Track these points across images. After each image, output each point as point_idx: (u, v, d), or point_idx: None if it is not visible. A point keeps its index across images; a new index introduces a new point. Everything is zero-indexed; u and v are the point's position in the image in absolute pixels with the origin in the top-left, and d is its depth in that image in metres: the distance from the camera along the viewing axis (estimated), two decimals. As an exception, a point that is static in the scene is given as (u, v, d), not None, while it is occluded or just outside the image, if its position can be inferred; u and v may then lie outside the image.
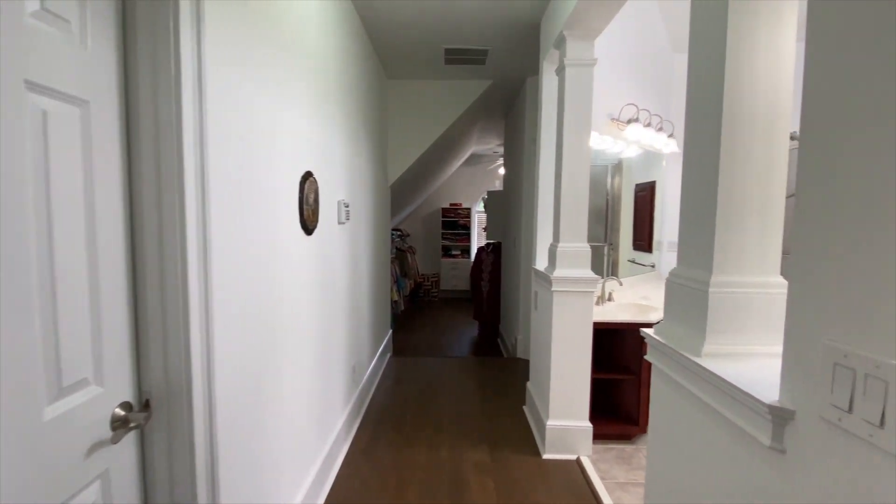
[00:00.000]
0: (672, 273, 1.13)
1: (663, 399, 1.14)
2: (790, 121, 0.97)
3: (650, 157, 3.87)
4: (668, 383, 1.11)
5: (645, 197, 4.08)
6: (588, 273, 2.32)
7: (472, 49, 3.36)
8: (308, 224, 1.84)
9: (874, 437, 0.57)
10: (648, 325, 2.51)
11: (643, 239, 4.09)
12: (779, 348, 0.97)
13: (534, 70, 3.79)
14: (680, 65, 3.96)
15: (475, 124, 5.60)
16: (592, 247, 2.42)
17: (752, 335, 0.97)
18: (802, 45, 0.71)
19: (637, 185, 4.05)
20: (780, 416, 0.72)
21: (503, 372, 3.85)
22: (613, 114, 3.20)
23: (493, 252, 5.45)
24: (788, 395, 0.72)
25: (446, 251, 8.47)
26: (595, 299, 2.46)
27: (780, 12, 0.95)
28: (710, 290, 0.97)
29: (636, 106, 3.18)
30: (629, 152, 3.57)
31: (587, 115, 2.32)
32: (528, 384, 2.99)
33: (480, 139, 6.75)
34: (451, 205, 8.52)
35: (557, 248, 2.33)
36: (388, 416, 2.96)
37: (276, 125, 1.54)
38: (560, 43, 2.35)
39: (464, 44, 3.27)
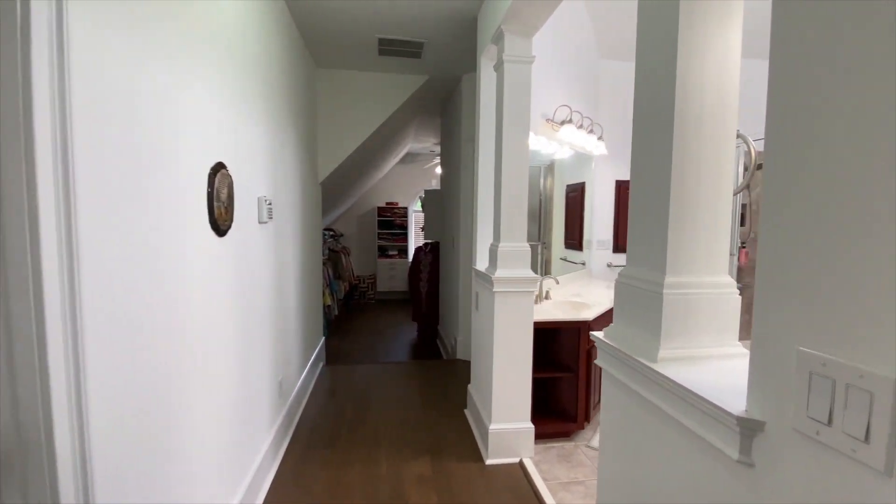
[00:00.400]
0: (622, 274, 1.08)
1: (617, 407, 1.09)
2: (737, 118, 0.96)
3: (581, 158, 3.99)
4: (621, 390, 1.07)
5: (576, 197, 4.21)
6: (529, 273, 2.28)
7: (407, 41, 3.22)
8: (220, 224, 1.59)
9: (858, 453, 0.52)
10: (585, 323, 2.56)
11: (574, 238, 4.21)
12: (731, 350, 0.96)
13: (470, 67, 3.74)
14: (607, 71, 4.13)
15: (412, 121, 5.46)
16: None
17: (706, 337, 0.94)
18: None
19: (568, 186, 4.16)
20: (748, 428, 0.68)
21: (443, 375, 3.76)
22: (548, 114, 3.23)
23: (431, 252, 5.36)
24: (757, 405, 0.67)
25: (383, 251, 8.24)
26: (535, 298, 2.44)
27: (730, 10, 0.93)
28: (665, 291, 0.92)
29: (569, 108, 3.24)
30: (562, 153, 3.64)
31: (526, 112, 2.28)
32: (469, 387, 2.92)
33: (417, 137, 6.62)
34: (387, 204, 8.30)
35: (498, 248, 2.27)
36: (320, 432, 2.73)
37: (178, 107, 1.29)
38: (498, 38, 2.29)
39: (399, 34, 3.12)
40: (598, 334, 1.14)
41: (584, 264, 4.22)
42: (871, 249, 0.52)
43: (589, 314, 2.57)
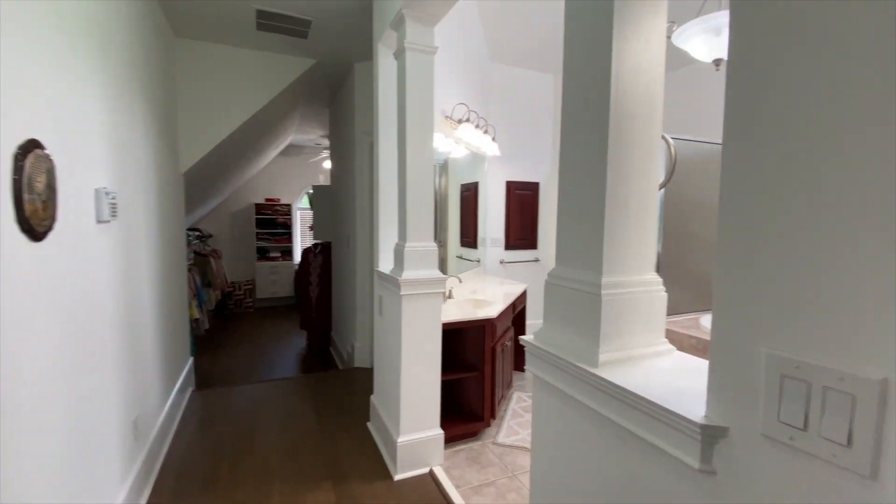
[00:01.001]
0: (553, 275, 1.03)
1: (552, 415, 1.03)
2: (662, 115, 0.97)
3: (475, 158, 4.04)
4: (556, 396, 1.01)
5: (470, 197, 4.27)
6: (437, 273, 2.18)
7: (290, 16, 2.86)
8: (34, 224, 1.15)
9: (839, 458, 0.51)
10: (490, 321, 2.56)
11: (469, 236, 4.27)
12: (661, 348, 0.96)
13: (364, 55, 3.51)
14: (497, 74, 4.26)
15: (295, 109, 4.98)
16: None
17: (638, 337, 0.93)
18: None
19: (463, 185, 4.19)
20: (710, 435, 0.65)
21: (341, 387, 3.48)
22: (446, 111, 3.18)
23: (321, 253, 4.96)
24: (719, 410, 0.65)
25: (263, 253, 7.45)
26: (443, 299, 2.35)
27: (657, 7, 0.92)
28: (603, 292, 0.88)
29: (467, 106, 3.23)
30: (457, 153, 3.63)
31: (430, 106, 2.17)
32: (373, 398, 2.73)
33: (302, 128, 6.09)
34: (267, 200, 7.52)
35: (405, 249, 2.13)
36: (193, 474, 2.27)
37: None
38: (399, 23, 2.14)
39: (280, 8, 2.76)
40: (528, 339, 1.07)
41: (479, 261, 4.31)
42: (849, 242, 0.50)
43: (492, 311, 2.58)
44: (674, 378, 0.81)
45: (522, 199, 4.51)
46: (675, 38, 2.38)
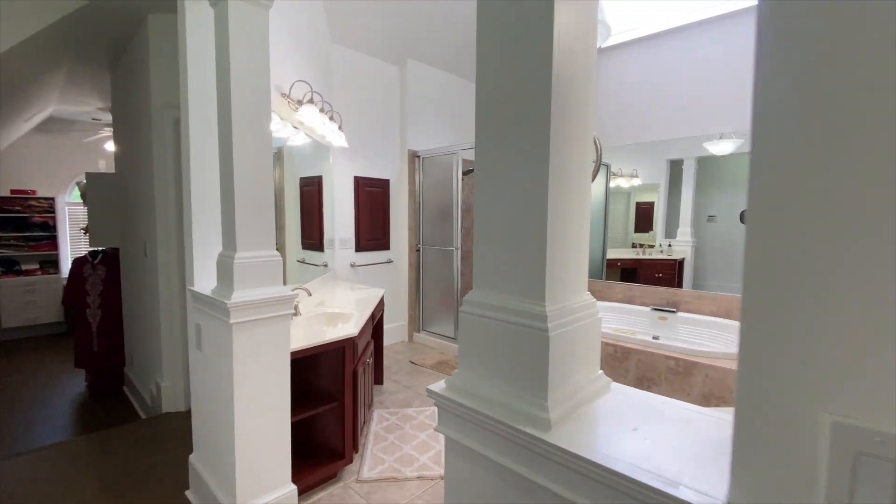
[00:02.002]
0: (471, 302, 0.76)
1: (477, 492, 0.76)
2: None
3: (317, 148, 3.55)
4: (484, 468, 0.74)
5: (312, 192, 3.74)
6: (282, 290, 1.71)
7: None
8: None
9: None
10: (351, 340, 2.18)
11: (314, 237, 3.75)
12: (599, 382, 0.78)
13: (160, 6, 2.67)
14: (339, 57, 3.83)
15: (58, 68, 3.61)
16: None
17: (583, 374, 0.73)
18: None
19: (302, 179, 3.65)
20: (741, 531, 0.47)
21: (144, 444, 2.59)
22: (282, 88, 2.64)
23: (104, 264, 3.73)
24: (748, 492, 0.47)
25: (10, 266, 5.36)
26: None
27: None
28: (549, 325, 0.65)
29: (309, 85, 2.74)
30: (296, 140, 3.10)
31: (264, 73, 1.67)
32: (192, 458, 2.05)
33: (70, 96, 4.51)
34: (15, 193, 5.42)
35: (234, 261, 1.59)
36: None
37: None
38: (214, -44, 1.58)
39: None
40: (440, 390, 0.78)
41: (326, 266, 3.82)
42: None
43: (351, 328, 2.21)
44: (644, 431, 0.63)
45: (373, 197, 4.19)
46: None
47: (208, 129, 1.94)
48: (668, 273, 3.85)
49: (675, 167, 3.63)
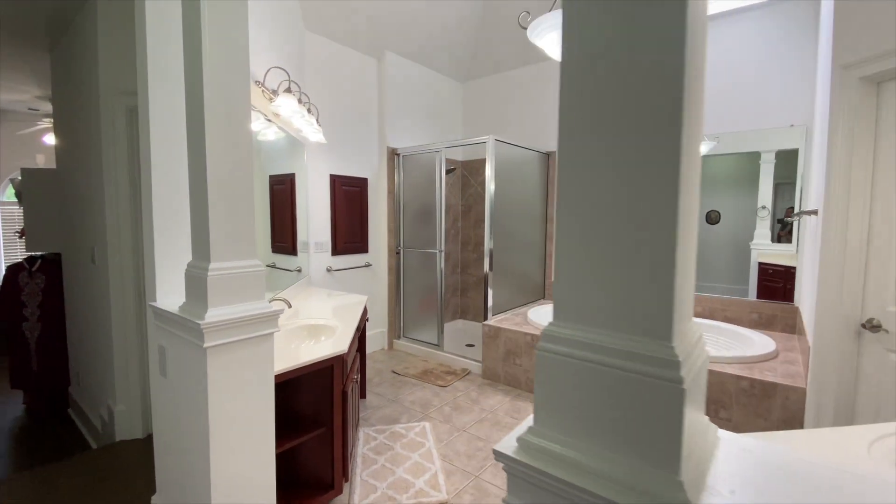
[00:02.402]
0: (554, 338, 0.59)
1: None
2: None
3: (291, 144, 3.27)
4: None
5: (284, 191, 3.47)
6: (265, 305, 1.47)
7: None
8: None
9: None
10: (340, 358, 1.96)
11: (286, 240, 3.48)
12: (709, 433, 0.63)
13: (111, -25, 2.33)
14: (313, 46, 3.56)
15: (-22, 47, 3.14)
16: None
17: (696, 428, 0.57)
18: None
19: (272, 177, 3.36)
20: None
21: (97, 482, 2.25)
22: (256, 75, 2.38)
23: (42, 271, 3.29)
24: None
25: (-75, 274, 4.69)
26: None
27: None
28: (683, 373, 0.49)
29: (287, 72, 2.49)
30: (268, 133, 2.83)
31: (244, 49, 1.43)
32: (156, 500, 1.77)
33: (1, 82, 3.98)
34: (-72, 190, 4.77)
35: (208, 274, 1.34)
36: None
37: None
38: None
39: None
40: (509, 451, 0.60)
41: (299, 271, 3.55)
42: None
43: (341, 344, 1.98)
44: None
45: (350, 197, 3.94)
46: (529, 32, 2.27)
47: (173, 117, 1.67)
48: None
49: None
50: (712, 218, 3.50)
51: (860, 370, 1.92)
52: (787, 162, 3.09)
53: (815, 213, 2.26)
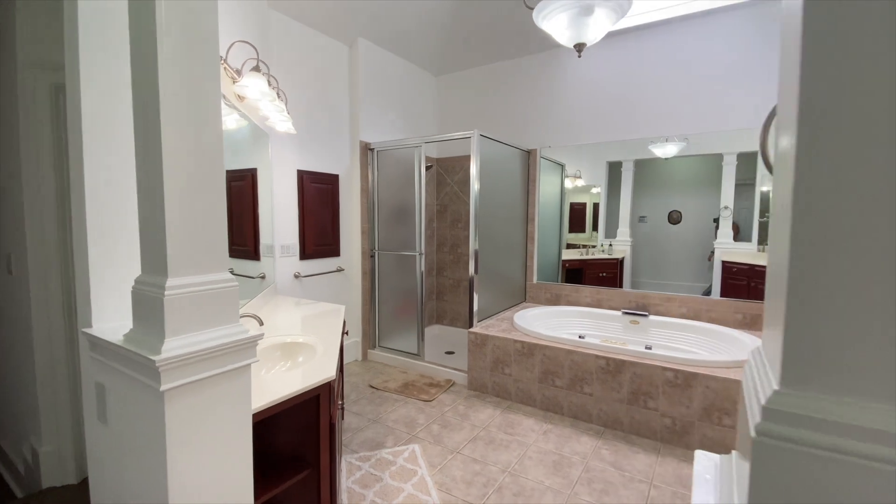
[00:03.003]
0: (796, 414, 0.37)
1: None
2: None
3: (254, 134, 2.90)
4: None
5: (244, 188, 3.08)
6: (240, 330, 1.16)
7: None
8: None
9: None
10: (327, 386, 1.66)
11: (245, 243, 3.10)
12: None
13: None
14: (278, 25, 3.20)
15: None
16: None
17: None
18: None
19: (231, 172, 2.98)
20: None
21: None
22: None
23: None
24: None
25: None
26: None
27: None
28: None
29: (254, 48, 2.14)
30: (229, 121, 2.46)
31: (212, 22, 1.12)
32: (94, 574, 1.41)
33: None
34: None
35: (165, 294, 1.03)
36: None
37: None
38: None
39: None
40: None
41: (263, 278, 3.18)
42: None
43: (325, 367, 1.69)
44: None
45: (320, 195, 3.60)
46: (535, 14, 2.06)
47: (111, 95, 1.33)
48: (610, 272, 4.00)
49: (614, 169, 3.75)
50: (673, 218, 3.57)
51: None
52: (749, 163, 3.16)
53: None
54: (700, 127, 3.29)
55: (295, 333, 2.18)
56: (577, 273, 4.04)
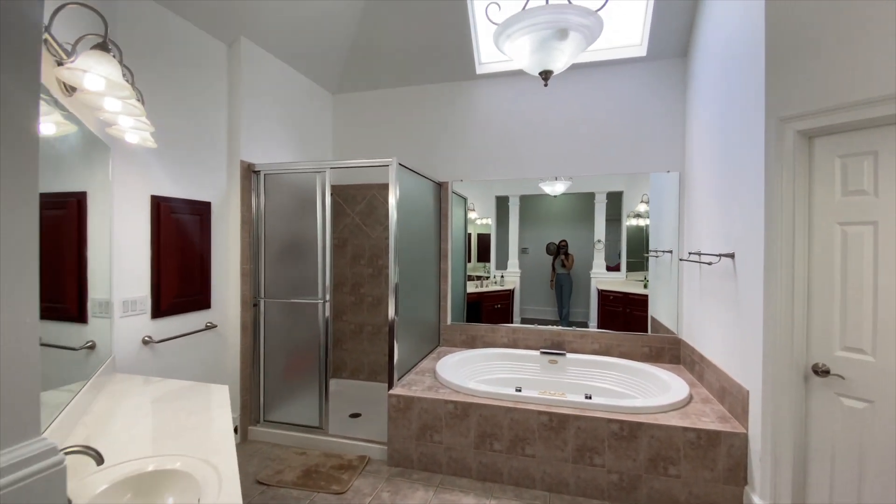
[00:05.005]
0: None
1: None
2: None
3: (85, 143, 2.01)
4: None
5: (63, 220, 2.12)
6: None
7: None
8: None
9: None
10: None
11: (64, 299, 2.13)
12: None
13: None
14: (134, 7, 2.36)
15: None
16: None
17: None
18: None
19: (45, 196, 2.01)
20: None
21: None
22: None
23: None
24: None
25: None
26: None
27: None
28: None
29: (101, 15, 1.39)
30: (45, 123, 1.60)
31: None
32: None
33: None
34: None
35: None
36: None
37: None
38: None
39: None
40: None
41: (92, 348, 2.19)
42: None
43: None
44: None
45: (184, 229, 2.71)
46: (497, 32, 1.75)
47: None
48: (504, 303, 4.05)
49: (502, 203, 3.85)
50: (551, 249, 3.77)
51: (810, 415, 1.97)
52: (615, 202, 3.53)
53: (731, 255, 2.34)
54: (608, 168, 3.45)
55: (155, 451, 1.41)
56: (476, 306, 3.92)
